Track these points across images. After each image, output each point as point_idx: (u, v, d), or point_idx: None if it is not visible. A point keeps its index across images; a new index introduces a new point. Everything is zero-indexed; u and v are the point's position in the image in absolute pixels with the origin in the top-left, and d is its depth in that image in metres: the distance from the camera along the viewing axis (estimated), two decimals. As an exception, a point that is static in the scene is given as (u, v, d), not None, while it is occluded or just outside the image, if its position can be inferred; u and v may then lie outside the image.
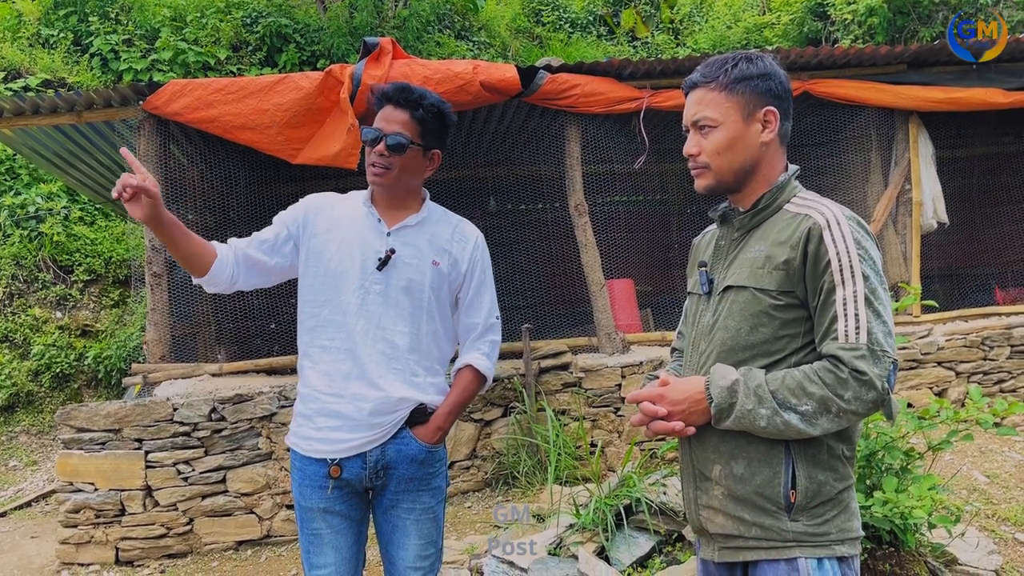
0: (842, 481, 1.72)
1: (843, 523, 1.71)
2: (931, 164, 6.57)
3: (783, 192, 1.80)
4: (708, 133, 1.78)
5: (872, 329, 1.60)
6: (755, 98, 1.76)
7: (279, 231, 2.40)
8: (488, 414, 5.66)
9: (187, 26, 11.53)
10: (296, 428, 2.35)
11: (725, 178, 1.80)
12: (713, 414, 1.70)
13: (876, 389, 1.58)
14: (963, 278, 8.08)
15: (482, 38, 14.11)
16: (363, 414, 2.25)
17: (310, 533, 2.31)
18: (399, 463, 2.31)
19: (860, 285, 1.61)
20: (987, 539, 3.83)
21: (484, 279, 2.49)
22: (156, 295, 5.54)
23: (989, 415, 3.07)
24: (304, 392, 2.35)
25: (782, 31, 13.57)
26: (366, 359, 2.27)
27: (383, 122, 2.31)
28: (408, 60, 5.52)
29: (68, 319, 9.41)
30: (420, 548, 2.35)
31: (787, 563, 1.68)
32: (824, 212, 1.69)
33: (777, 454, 1.69)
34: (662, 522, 3.82)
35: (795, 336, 1.71)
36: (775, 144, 1.81)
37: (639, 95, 5.89)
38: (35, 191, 10.08)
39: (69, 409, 5.13)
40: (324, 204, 2.43)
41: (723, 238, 1.90)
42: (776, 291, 1.70)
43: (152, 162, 5.56)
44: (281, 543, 5.18)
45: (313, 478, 2.29)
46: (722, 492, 1.76)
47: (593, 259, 6.09)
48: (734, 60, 1.79)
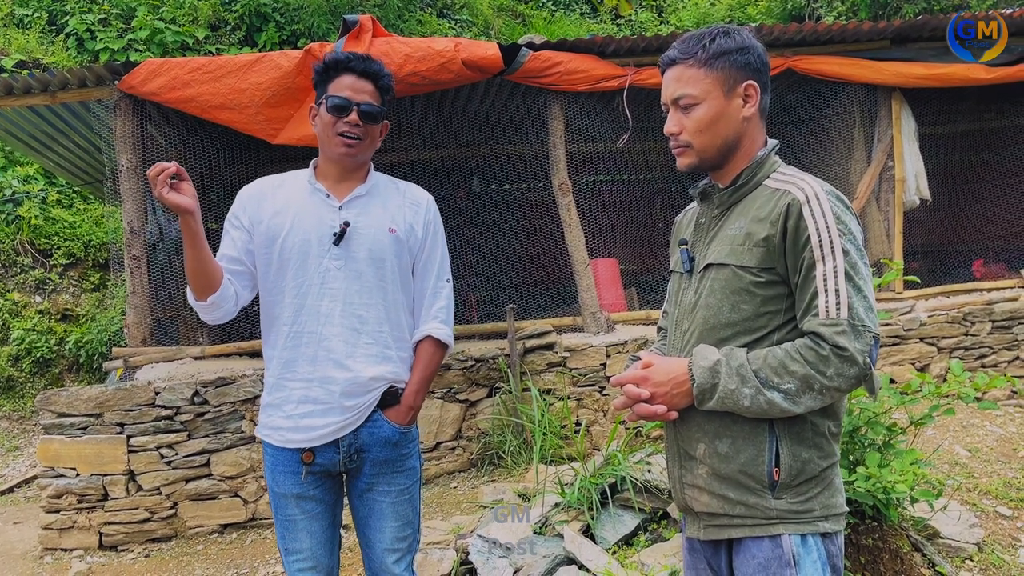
0: (827, 459, 1.71)
1: (827, 499, 1.70)
2: (914, 141, 6.58)
3: (762, 167, 1.78)
4: (689, 110, 1.75)
5: (853, 304, 1.59)
6: (735, 72, 1.73)
7: (235, 237, 2.32)
8: (473, 394, 5.65)
9: (164, 5, 11.37)
10: (266, 419, 2.30)
11: (708, 155, 1.77)
12: (695, 395, 1.69)
13: (858, 364, 1.58)
14: (945, 254, 8.13)
15: (464, 16, 13.99)
16: (334, 396, 2.22)
17: (284, 519, 2.29)
18: (372, 446, 2.29)
19: (840, 260, 1.60)
20: (969, 512, 3.87)
21: (436, 242, 2.45)
22: (136, 278, 5.47)
23: (970, 389, 3.08)
24: (270, 381, 2.30)
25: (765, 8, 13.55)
26: (333, 339, 2.23)
27: (349, 91, 2.23)
28: (388, 38, 5.45)
29: (48, 303, 9.32)
30: (397, 530, 2.34)
31: (771, 540, 1.68)
32: (803, 187, 1.67)
33: (761, 432, 1.69)
34: (647, 500, 3.84)
35: (777, 313, 1.70)
36: (756, 118, 1.78)
37: (622, 73, 5.85)
38: (11, 174, 9.95)
39: (50, 394, 5.08)
40: (264, 190, 2.34)
41: (703, 215, 1.88)
42: (757, 268, 1.68)
43: (129, 143, 5.49)
44: (266, 526, 5.17)
45: (285, 464, 2.26)
46: (706, 471, 1.75)
47: (577, 238, 6.07)
48: (711, 35, 1.75)
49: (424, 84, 5.50)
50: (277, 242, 2.25)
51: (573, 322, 6.14)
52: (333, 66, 2.26)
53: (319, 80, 2.29)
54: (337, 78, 2.25)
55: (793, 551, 1.66)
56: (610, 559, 3.45)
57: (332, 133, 2.24)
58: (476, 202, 8.76)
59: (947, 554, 3.49)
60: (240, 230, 2.31)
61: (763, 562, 1.68)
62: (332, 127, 2.24)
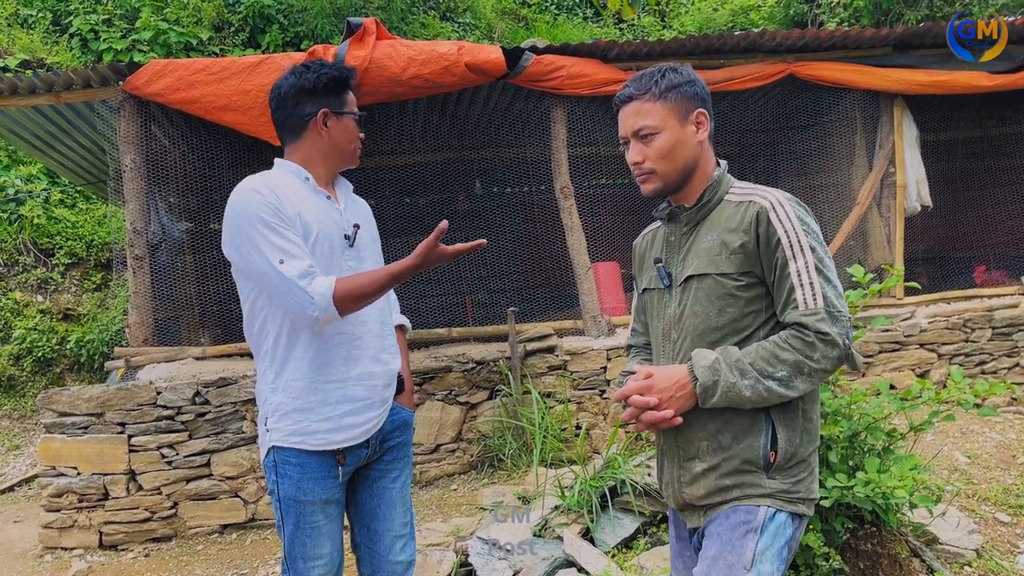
0: (811, 443, 1.88)
1: (809, 484, 1.87)
2: (915, 147, 6.59)
3: (720, 185, 1.94)
4: (650, 140, 1.91)
5: (826, 293, 1.77)
6: (686, 103, 1.90)
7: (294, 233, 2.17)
8: (474, 397, 5.66)
9: (168, 6, 11.38)
10: (294, 425, 2.21)
11: (671, 179, 1.93)
12: (699, 393, 1.81)
13: (839, 346, 1.75)
14: (946, 261, 8.13)
15: (467, 19, 14.00)
16: (376, 391, 2.30)
17: (309, 527, 2.22)
18: (392, 432, 2.41)
19: (809, 257, 1.78)
20: (968, 519, 3.87)
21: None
22: (138, 278, 5.49)
23: (970, 396, 3.08)
24: (298, 386, 2.21)
25: (768, 13, 13.56)
26: (366, 336, 2.30)
27: (352, 105, 2.38)
28: (392, 41, 5.46)
29: (49, 303, 9.33)
30: (402, 515, 2.43)
31: (750, 508, 1.82)
32: (767, 196, 1.85)
33: (759, 422, 1.83)
34: (647, 503, 3.84)
35: (759, 311, 1.86)
36: (707, 143, 1.96)
37: (625, 77, 5.86)
38: (14, 173, 9.97)
39: (51, 393, 5.09)
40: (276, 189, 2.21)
41: (672, 234, 2.02)
42: (736, 273, 1.84)
43: (133, 144, 5.50)
44: (266, 526, 5.17)
45: (316, 469, 2.22)
46: (706, 466, 1.88)
47: (579, 242, 6.08)
48: (661, 72, 1.92)
49: (427, 87, 5.51)
50: (309, 242, 2.20)
51: (574, 325, 6.15)
52: (346, 82, 2.34)
53: (334, 87, 2.30)
54: (344, 93, 2.34)
55: (764, 521, 1.81)
56: (609, 562, 3.45)
57: (358, 145, 2.39)
58: (478, 205, 8.77)
59: (946, 560, 3.49)
60: (292, 224, 2.16)
61: (734, 523, 1.83)
62: (358, 139, 2.38)
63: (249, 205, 2.15)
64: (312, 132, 2.31)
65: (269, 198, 2.15)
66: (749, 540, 1.79)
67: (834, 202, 6.91)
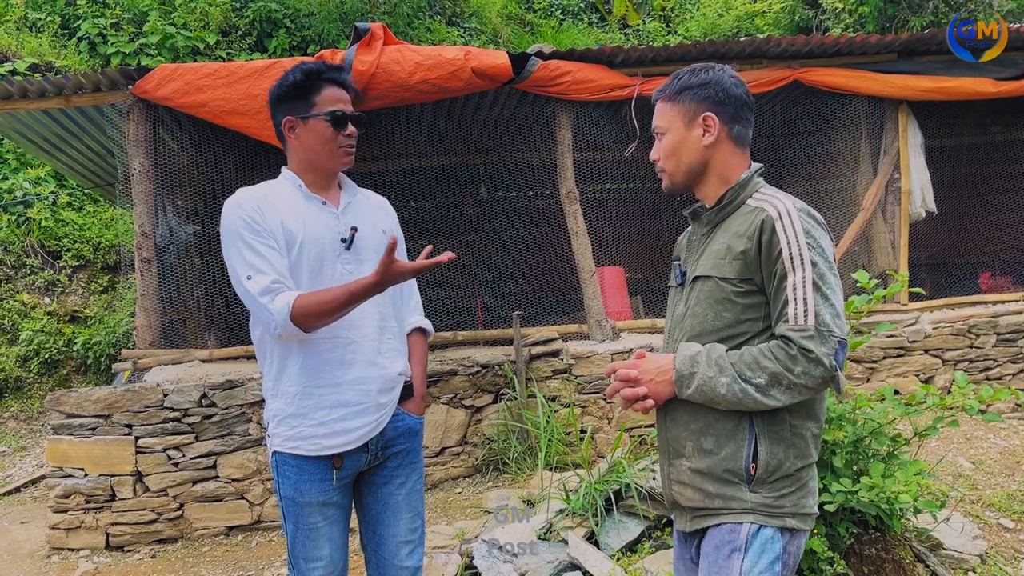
0: (802, 459, 1.84)
1: (798, 499, 1.83)
2: (920, 153, 6.60)
3: (745, 189, 1.93)
4: (660, 139, 1.99)
5: (820, 311, 1.73)
6: (695, 105, 1.92)
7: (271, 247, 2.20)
8: (479, 400, 5.68)
9: (176, 10, 11.43)
10: (289, 431, 2.24)
11: (676, 178, 1.98)
12: (675, 380, 1.85)
13: (823, 366, 1.72)
14: (951, 266, 8.13)
15: (473, 24, 14.04)
16: (370, 395, 2.27)
17: (307, 528, 2.27)
18: (397, 439, 2.37)
19: (809, 271, 1.75)
20: (972, 524, 3.88)
21: (401, 241, 2.52)
22: (146, 281, 5.51)
23: (975, 402, 3.10)
24: (291, 391, 2.24)
25: (773, 19, 13.56)
26: (361, 340, 2.27)
27: (340, 103, 2.28)
28: (399, 46, 5.49)
29: (57, 305, 9.37)
30: (409, 521, 2.41)
31: (733, 526, 1.82)
32: (777, 205, 1.83)
33: (742, 430, 1.82)
34: (651, 507, 3.85)
35: (756, 320, 1.85)
36: (725, 146, 1.94)
37: (630, 83, 5.89)
38: (23, 176, 10.02)
39: (59, 395, 5.12)
40: (256, 200, 2.24)
41: (695, 233, 2.06)
42: (736, 279, 1.84)
43: (142, 147, 5.54)
44: (271, 528, 5.19)
45: (312, 472, 2.25)
46: (691, 467, 1.89)
47: (584, 246, 6.10)
48: (682, 73, 1.96)
49: (434, 92, 5.54)
50: (292, 251, 2.23)
51: (579, 329, 6.16)
52: (315, 76, 2.26)
53: (296, 93, 2.26)
54: (321, 90, 2.26)
55: (747, 538, 1.80)
56: (614, 565, 3.46)
57: (334, 146, 2.28)
58: (483, 209, 8.79)
59: (950, 565, 3.50)
60: (270, 237, 2.21)
61: (718, 543, 1.83)
62: (334, 140, 2.27)
63: (228, 219, 2.22)
64: (289, 141, 2.33)
65: (249, 211, 2.20)
66: (734, 560, 1.79)
67: (839, 208, 6.92)
